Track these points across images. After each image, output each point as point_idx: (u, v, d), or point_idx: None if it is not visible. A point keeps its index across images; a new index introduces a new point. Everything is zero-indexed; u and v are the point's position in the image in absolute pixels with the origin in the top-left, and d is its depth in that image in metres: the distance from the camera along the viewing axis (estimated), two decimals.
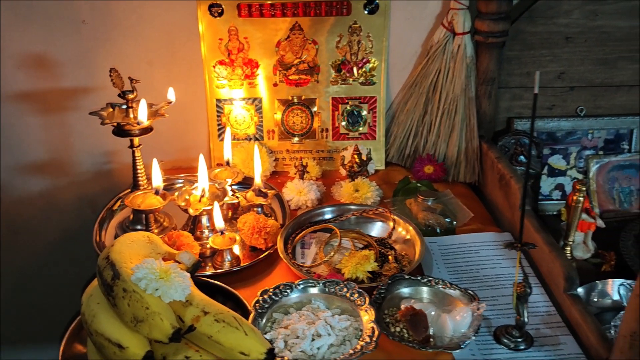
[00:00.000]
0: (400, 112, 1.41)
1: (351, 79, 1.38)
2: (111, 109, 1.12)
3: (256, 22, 1.31)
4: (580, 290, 1.04)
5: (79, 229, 1.48)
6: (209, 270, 1.07)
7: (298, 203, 1.26)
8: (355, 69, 1.37)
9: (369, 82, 1.38)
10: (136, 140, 1.12)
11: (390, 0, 1.31)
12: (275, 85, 1.37)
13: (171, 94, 1.18)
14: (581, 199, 1.11)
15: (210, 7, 1.29)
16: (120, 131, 1.10)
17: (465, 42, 1.30)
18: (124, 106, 1.11)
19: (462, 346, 0.84)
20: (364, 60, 1.36)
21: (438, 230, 1.18)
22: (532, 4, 1.29)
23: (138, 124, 1.07)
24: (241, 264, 1.07)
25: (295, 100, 1.38)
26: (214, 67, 1.35)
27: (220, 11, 1.30)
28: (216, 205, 1.07)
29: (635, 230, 1.32)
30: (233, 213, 1.23)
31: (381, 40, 1.34)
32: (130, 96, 1.09)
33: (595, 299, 1.07)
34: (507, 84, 1.36)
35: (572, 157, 1.42)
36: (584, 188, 1.11)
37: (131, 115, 1.10)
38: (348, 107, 1.40)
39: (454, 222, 1.19)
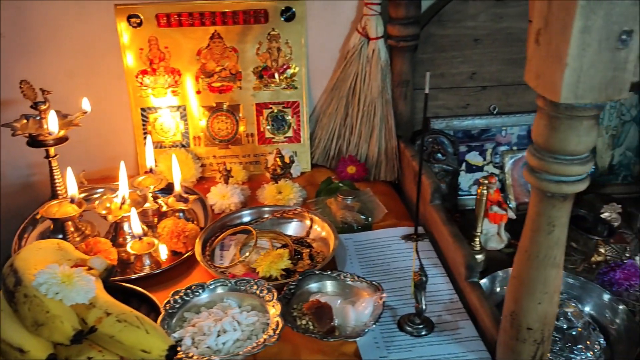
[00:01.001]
0: (323, 116, 1.46)
1: (273, 85, 1.42)
2: (25, 121, 1.13)
3: (175, 32, 1.34)
4: (484, 280, 1.11)
5: (8, 242, 1.47)
6: (131, 275, 1.09)
7: (222, 207, 1.29)
8: (276, 75, 1.41)
9: (291, 87, 1.43)
10: (51, 151, 1.14)
11: (305, 8, 1.36)
12: (198, 92, 1.40)
13: (86, 104, 1.19)
14: (485, 192, 1.18)
15: (129, 17, 1.31)
16: (34, 142, 1.11)
17: (379, 46, 1.36)
18: (38, 117, 1.12)
19: (362, 335, 0.89)
20: (284, 66, 1.41)
21: (355, 227, 1.23)
22: (440, 9, 1.35)
23: (50, 134, 1.09)
24: (161, 268, 1.10)
25: (224, 106, 1.42)
26: (136, 76, 1.37)
27: (139, 22, 1.32)
28: (133, 211, 1.09)
29: None
30: (159, 219, 1.26)
31: (300, 46, 1.39)
32: (43, 107, 1.11)
33: (498, 289, 1.12)
34: (422, 86, 1.42)
35: (488, 153, 1.49)
36: (486, 182, 1.17)
37: (45, 126, 1.11)
38: (272, 112, 1.44)
39: (370, 219, 1.24)
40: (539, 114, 0.69)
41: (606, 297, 1.11)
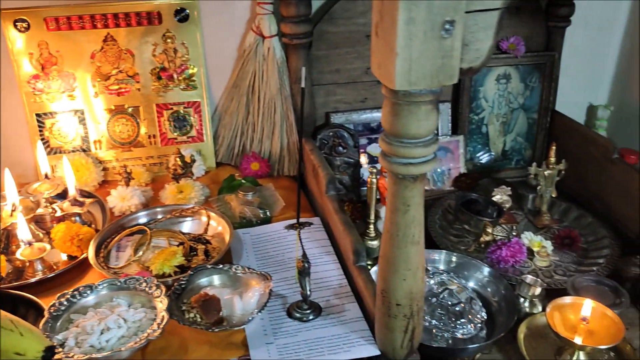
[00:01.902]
0: (225, 114, 1.48)
1: (172, 85, 1.42)
2: None
3: (66, 35, 1.32)
4: (375, 268, 1.15)
5: None
6: (24, 281, 1.07)
7: (122, 209, 1.28)
8: (175, 76, 1.42)
9: (190, 88, 1.44)
10: None
11: (199, 8, 1.38)
12: (95, 96, 1.39)
13: None
14: (374, 180, 1.23)
15: (15, 22, 1.29)
16: None
17: (273, 44, 1.39)
18: None
19: (246, 323, 0.91)
20: (182, 67, 1.42)
21: (254, 222, 1.26)
22: (330, 7, 1.40)
23: None
24: (54, 272, 1.09)
25: (127, 108, 1.41)
26: (29, 82, 1.34)
27: (26, 26, 1.30)
28: (20, 217, 1.08)
29: (444, 205, 1.48)
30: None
31: (196, 47, 1.40)
32: None
33: None
34: (319, 82, 1.46)
35: None
36: (374, 170, 1.22)
37: None
38: (173, 113, 1.45)
39: (268, 213, 1.27)
40: (384, 101, 0.74)
41: (488, 272, 1.19)
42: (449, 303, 1.10)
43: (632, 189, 1.34)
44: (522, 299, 1.13)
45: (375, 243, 1.26)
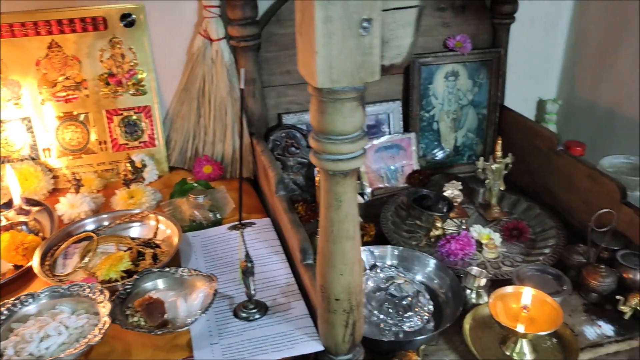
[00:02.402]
0: (177, 118, 1.48)
1: (122, 91, 1.42)
2: None
3: (9, 43, 1.31)
4: None
5: None
6: None
7: (71, 216, 1.27)
8: (124, 81, 1.41)
9: (140, 93, 1.43)
10: None
11: (145, 13, 1.37)
12: (42, 103, 1.38)
13: None
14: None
15: None
16: None
17: (221, 47, 1.39)
18: None
19: (188, 325, 0.92)
20: (131, 72, 1.41)
21: (205, 224, 1.26)
22: (277, 9, 1.41)
23: None
24: None
25: (76, 115, 1.40)
26: None
27: None
28: None
29: (397, 202, 1.50)
30: None
31: (144, 51, 1.40)
32: None
33: None
34: (270, 83, 1.47)
35: None
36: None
37: None
38: (123, 118, 1.44)
39: (218, 215, 1.28)
40: (311, 100, 0.75)
41: (435, 265, 1.21)
42: (397, 297, 1.12)
43: (577, 180, 1.38)
44: (468, 291, 1.15)
45: None
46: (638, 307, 1.11)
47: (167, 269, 1.05)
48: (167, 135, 1.50)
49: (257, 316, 0.99)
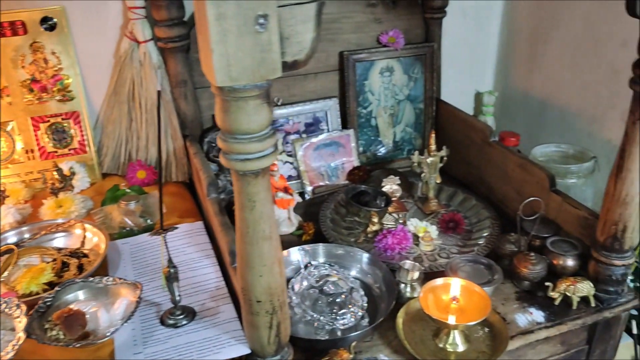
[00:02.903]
0: (108, 123, 1.44)
1: (47, 97, 1.37)
2: None
3: None
4: None
5: None
6: None
7: None
8: (49, 87, 1.37)
9: (67, 98, 1.39)
10: None
11: (66, 16, 1.33)
12: None
13: None
14: None
15: None
16: None
17: (149, 49, 1.36)
18: None
19: (108, 336, 0.89)
20: (56, 77, 1.37)
21: (136, 231, 1.23)
22: None
23: None
24: None
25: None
26: None
27: None
28: None
29: (336, 199, 1.49)
30: None
31: (69, 55, 1.36)
32: None
33: None
34: (203, 84, 1.45)
35: (279, 144, 1.55)
36: None
37: None
38: (50, 126, 1.39)
39: (149, 221, 1.25)
40: (215, 99, 0.73)
41: (368, 260, 1.21)
42: (330, 295, 1.11)
43: (509, 170, 1.40)
44: (402, 285, 1.16)
45: None
46: (567, 293, 1.13)
47: (91, 279, 1.02)
48: (99, 141, 1.46)
49: (184, 322, 0.97)
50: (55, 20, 1.32)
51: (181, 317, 0.97)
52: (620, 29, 1.40)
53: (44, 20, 1.32)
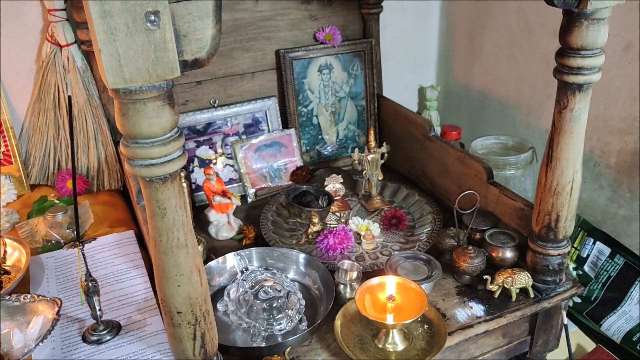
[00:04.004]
0: (34, 132, 1.37)
1: None
2: None
3: None
4: None
5: None
6: None
7: None
8: None
9: None
10: None
11: None
12: None
13: None
14: (184, 184, 1.18)
15: None
16: None
17: (72, 53, 1.31)
18: None
19: (21, 358, 0.84)
20: None
21: (62, 243, 1.17)
22: None
23: None
24: None
25: None
26: None
27: None
28: None
29: (278, 201, 1.46)
30: None
31: None
32: None
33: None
34: None
35: (218, 146, 1.51)
36: (182, 174, 1.18)
37: None
38: None
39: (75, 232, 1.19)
40: (114, 102, 0.69)
41: (305, 260, 1.18)
42: (266, 300, 1.08)
43: (449, 164, 1.39)
44: (342, 285, 1.13)
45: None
46: (505, 285, 1.12)
47: (7, 297, 0.96)
48: (25, 151, 1.39)
49: (107, 337, 0.93)
50: None
51: (104, 332, 0.93)
52: (551, 19, 1.41)
53: None
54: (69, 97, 0.87)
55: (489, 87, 1.67)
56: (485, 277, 1.13)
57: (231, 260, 1.19)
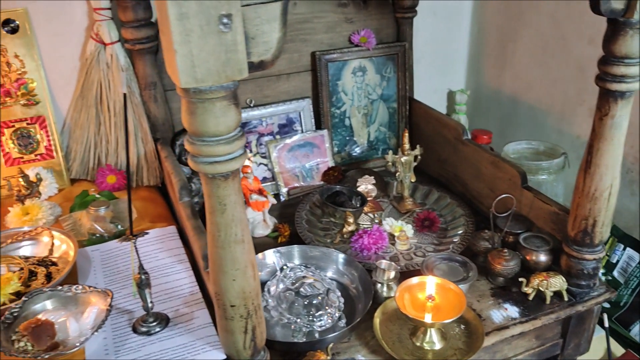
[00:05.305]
0: (75, 127, 1.41)
1: (11, 102, 1.34)
2: None
3: None
4: None
5: None
6: None
7: None
8: (12, 91, 1.33)
9: (32, 102, 1.35)
10: None
11: (29, 19, 1.30)
12: None
13: None
14: None
15: None
16: None
17: (116, 51, 1.33)
18: None
19: (79, 345, 0.87)
20: (20, 81, 1.33)
21: (106, 237, 1.20)
22: None
23: None
24: None
25: None
26: None
27: None
28: None
29: (312, 200, 1.48)
30: None
31: (33, 59, 1.32)
32: None
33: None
34: (173, 86, 1.41)
35: (253, 145, 1.54)
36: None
37: None
38: (15, 131, 1.36)
39: (120, 227, 1.22)
40: (182, 101, 0.72)
41: (344, 260, 1.20)
42: (307, 296, 1.10)
43: (482, 168, 1.41)
44: (379, 284, 1.15)
45: None
46: (540, 288, 1.14)
47: (60, 288, 0.99)
48: (67, 146, 1.42)
49: (157, 329, 0.95)
50: (17, 22, 1.28)
51: (154, 324, 0.95)
52: (587, 26, 1.43)
53: (6, 22, 1.28)
54: (124, 94, 0.90)
55: (519, 92, 1.68)
56: (520, 279, 1.15)
57: (270, 256, 1.21)
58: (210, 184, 0.76)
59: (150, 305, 0.94)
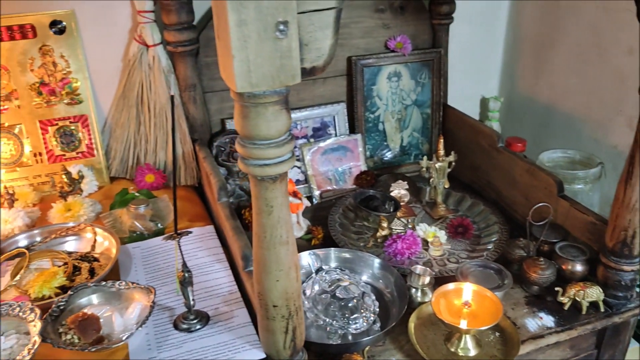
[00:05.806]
0: (116, 127, 1.44)
1: (56, 100, 1.37)
2: None
3: None
4: None
5: None
6: None
7: (4, 232, 1.22)
8: (57, 90, 1.37)
9: (75, 102, 1.39)
10: None
11: (76, 20, 1.34)
12: None
13: None
14: None
15: None
16: None
17: (158, 53, 1.36)
18: None
19: (123, 340, 0.89)
20: (64, 81, 1.37)
21: (146, 235, 1.23)
22: None
23: None
24: None
25: (8, 126, 1.35)
26: None
27: None
28: None
29: (345, 204, 1.49)
30: None
31: (78, 59, 1.36)
32: None
33: None
34: (212, 88, 1.45)
35: None
36: None
37: None
38: (59, 129, 1.40)
39: (159, 225, 1.25)
40: (235, 105, 0.74)
41: (379, 265, 1.21)
42: (342, 299, 1.11)
43: (517, 175, 1.40)
44: (413, 289, 1.16)
45: None
46: (577, 298, 1.13)
47: (104, 283, 1.02)
48: (107, 145, 1.46)
49: (198, 327, 0.97)
50: (64, 23, 1.32)
51: (195, 321, 0.97)
52: (626, 36, 1.41)
53: (53, 23, 1.32)
54: (172, 96, 0.92)
55: (555, 100, 1.67)
56: (556, 288, 1.15)
57: (306, 258, 1.22)
58: (259, 186, 0.77)
59: (192, 302, 0.96)
